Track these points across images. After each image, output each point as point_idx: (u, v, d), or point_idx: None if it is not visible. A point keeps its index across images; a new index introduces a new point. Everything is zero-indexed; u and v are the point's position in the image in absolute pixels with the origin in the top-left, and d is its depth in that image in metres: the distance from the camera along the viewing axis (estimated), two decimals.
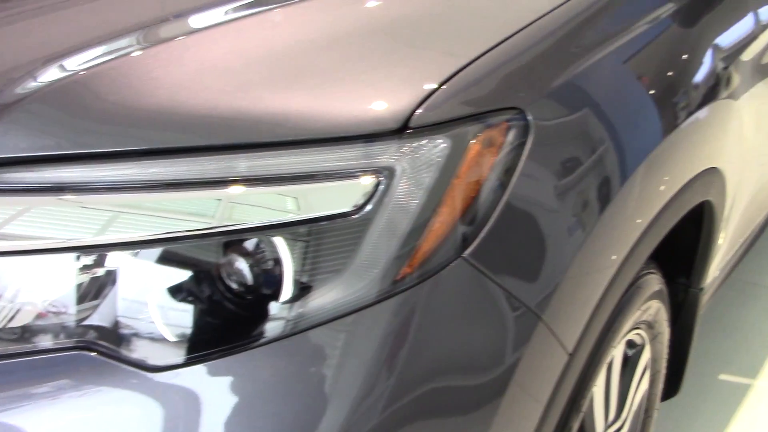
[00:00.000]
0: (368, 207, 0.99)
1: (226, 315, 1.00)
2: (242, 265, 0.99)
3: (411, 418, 1.01)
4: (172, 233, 0.97)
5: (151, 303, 0.99)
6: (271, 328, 0.99)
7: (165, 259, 0.99)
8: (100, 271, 0.99)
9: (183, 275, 1.00)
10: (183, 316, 0.99)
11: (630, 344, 1.60)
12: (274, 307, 0.99)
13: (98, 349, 0.97)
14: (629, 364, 1.61)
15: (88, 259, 0.99)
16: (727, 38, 1.70)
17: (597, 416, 1.48)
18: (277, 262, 0.98)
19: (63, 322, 0.99)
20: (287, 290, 0.98)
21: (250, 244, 0.99)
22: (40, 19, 1.40)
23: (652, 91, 1.41)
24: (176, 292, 1.00)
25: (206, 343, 0.99)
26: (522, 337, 1.09)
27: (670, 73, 1.48)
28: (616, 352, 1.47)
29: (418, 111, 1.02)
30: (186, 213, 0.99)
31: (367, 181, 0.99)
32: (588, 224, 1.19)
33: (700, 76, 1.56)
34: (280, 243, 0.98)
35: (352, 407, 0.97)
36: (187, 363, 0.98)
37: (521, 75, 1.15)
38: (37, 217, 0.98)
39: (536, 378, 1.13)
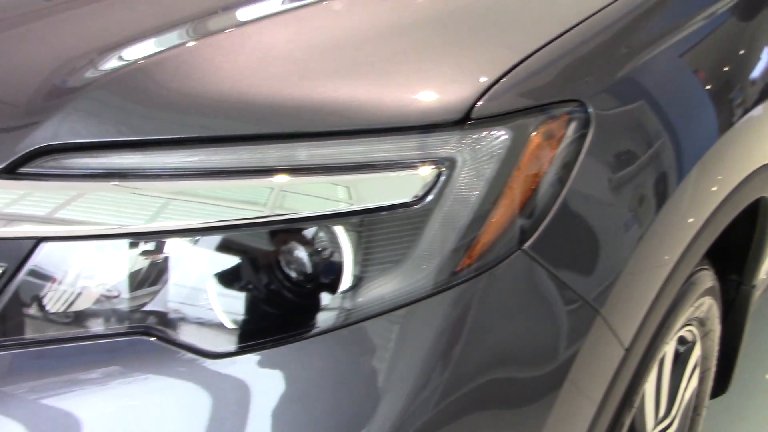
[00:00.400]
0: (429, 198, 0.98)
1: (284, 304, 1.00)
2: (302, 254, 1.00)
3: (467, 410, 1.01)
4: (230, 221, 0.98)
5: (210, 290, 1.00)
6: (329, 318, 0.99)
7: (223, 247, 1.00)
8: (159, 258, 1.00)
9: (242, 263, 1.01)
10: (241, 303, 1.00)
11: (681, 341, 1.59)
12: (332, 297, 0.99)
13: (157, 334, 0.98)
14: (680, 360, 1.60)
15: (147, 246, 1.00)
16: None
17: (648, 413, 1.47)
18: (337, 251, 0.99)
19: (122, 308, 1.00)
20: (346, 280, 0.98)
21: (310, 233, 1.00)
22: (97, 9, 1.41)
23: (708, 87, 1.39)
24: (235, 279, 1.00)
25: (263, 331, 0.99)
26: (580, 330, 1.08)
27: (726, 69, 1.46)
28: (669, 349, 1.46)
29: (480, 102, 1.01)
30: (240, 201, 0.99)
31: (429, 172, 0.99)
32: (645, 220, 1.18)
33: (757, 72, 1.54)
34: (340, 232, 0.98)
35: (408, 398, 0.97)
36: (245, 350, 0.98)
37: (582, 67, 1.14)
38: (93, 203, 0.99)
39: (592, 372, 1.13)
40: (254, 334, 0.99)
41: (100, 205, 0.99)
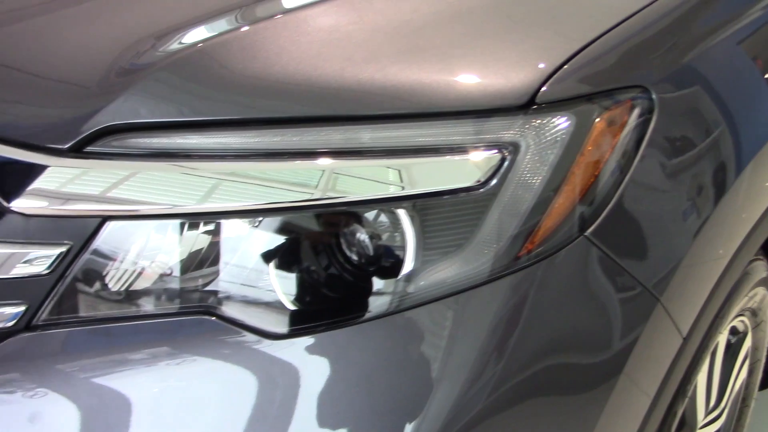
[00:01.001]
0: (492, 182, 0.98)
1: (344, 287, 1.01)
2: (364, 237, 1.00)
3: (524, 396, 1.01)
4: (294, 202, 0.98)
5: (270, 271, 1.00)
6: (389, 302, 0.99)
7: (285, 229, 1.01)
8: (220, 238, 1.01)
9: (304, 245, 1.01)
10: (301, 286, 1.01)
11: (733, 331, 1.57)
12: (392, 281, 0.99)
13: (218, 314, 0.99)
14: (731, 351, 1.58)
15: (208, 226, 1.00)
16: None
17: (699, 403, 1.46)
18: (399, 235, 0.99)
19: (184, 287, 1.01)
20: (408, 264, 0.99)
21: (372, 216, 1.00)
22: None
23: (767, 76, 1.37)
24: (296, 261, 1.01)
25: (322, 313, 1.00)
26: (639, 318, 1.08)
27: None
28: (722, 338, 1.45)
29: (544, 87, 1.01)
30: (298, 183, 0.99)
31: (492, 156, 0.98)
32: (704, 211, 1.17)
33: None
34: (403, 216, 0.98)
35: (466, 382, 0.97)
36: (304, 332, 0.99)
37: (645, 54, 1.13)
38: (155, 183, 0.99)
39: (651, 359, 1.12)
40: (313, 317, 1.00)
41: (162, 185, 0.99)
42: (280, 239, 1.01)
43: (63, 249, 0.98)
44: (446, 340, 0.98)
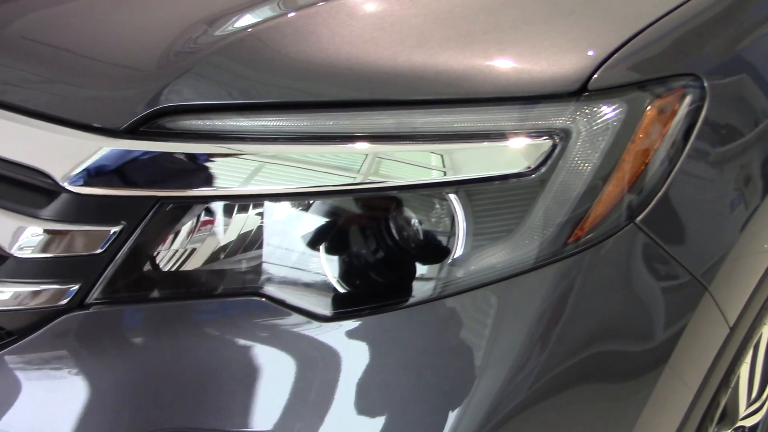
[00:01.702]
0: (543, 168, 0.98)
1: (392, 271, 1.02)
2: (414, 221, 1.01)
3: (571, 382, 1.02)
4: (346, 185, 0.99)
5: (320, 254, 1.02)
6: (437, 287, 1.00)
7: (335, 212, 1.02)
8: (269, 221, 1.02)
9: (354, 229, 1.02)
10: (350, 269, 1.02)
11: None
12: (442, 266, 1.00)
13: (268, 295, 1.00)
14: None
15: (258, 209, 1.01)
16: None
17: (741, 394, 1.46)
18: (450, 220, 0.99)
19: (233, 269, 1.02)
20: (458, 249, 0.99)
21: (422, 201, 1.00)
22: None
23: None
24: (346, 245, 1.02)
25: (371, 297, 1.01)
26: (687, 306, 1.08)
27: None
28: (765, 330, 1.44)
29: (596, 74, 1.01)
30: (348, 168, 1.00)
31: (543, 143, 0.99)
32: (752, 202, 1.17)
33: None
34: (454, 201, 0.99)
35: (513, 367, 0.98)
36: (353, 315, 1.00)
37: (697, 41, 1.13)
38: (207, 164, 1.00)
39: (697, 348, 1.12)
40: (361, 300, 1.01)
41: (214, 167, 1.00)
42: (330, 223, 1.02)
43: (116, 229, 1.00)
44: (492, 326, 0.99)
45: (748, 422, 1.58)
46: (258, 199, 1.01)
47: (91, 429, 0.99)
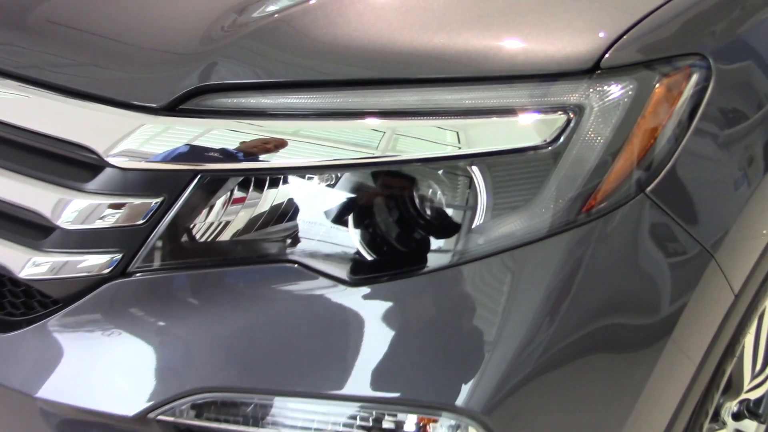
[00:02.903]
0: (559, 141, 1.04)
1: (416, 239, 1.08)
2: (438, 192, 1.07)
3: (582, 352, 1.08)
4: (376, 158, 1.05)
5: (348, 224, 1.08)
6: (458, 253, 1.06)
7: (361, 184, 1.08)
8: (302, 193, 1.08)
9: (379, 200, 1.08)
10: (376, 238, 1.08)
11: None
12: (462, 234, 1.06)
13: (301, 261, 1.07)
14: None
15: (291, 181, 1.08)
16: None
17: (746, 364, 1.51)
18: (472, 191, 1.05)
19: (267, 238, 1.08)
20: (479, 218, 1.05)
21: (444, 173, 1.07)
22: None
23: None
24: (371, 216, 1.08)
25: (394, 263, 1.08)
26: (695, 274, 1.13)
27: None
28: None
29: (608, 53, 1.07)
30: (375, 144, 1.05)
31: (559, 117, 1.05)
32: (755, 176, 1.22)
33: None
34: (476, 172, 1.05)
35: (528, 333, 1.05)
36: (378, 280, 1.07)
37: (704, 23, 1.18)
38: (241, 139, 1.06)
39: (702, 317, 1.18)
40: (386, 266, 1.08)
41: (248, 142, 1.06)
42: (356, 197, 1.08)
43: (157, 200, 1.06)
44: (508, 292, 1.05)
45: (753, 395, 1.63)
46: (290, 171, 1.07)
47: (132, 389, 1.05)
